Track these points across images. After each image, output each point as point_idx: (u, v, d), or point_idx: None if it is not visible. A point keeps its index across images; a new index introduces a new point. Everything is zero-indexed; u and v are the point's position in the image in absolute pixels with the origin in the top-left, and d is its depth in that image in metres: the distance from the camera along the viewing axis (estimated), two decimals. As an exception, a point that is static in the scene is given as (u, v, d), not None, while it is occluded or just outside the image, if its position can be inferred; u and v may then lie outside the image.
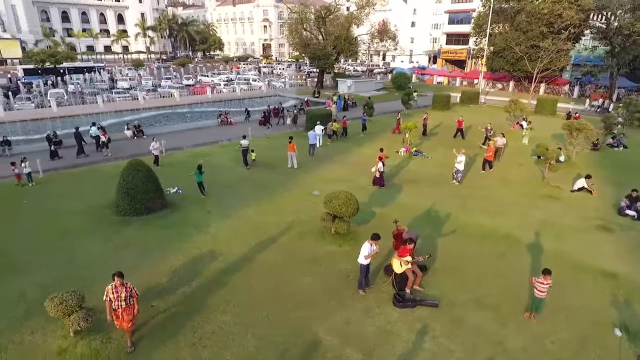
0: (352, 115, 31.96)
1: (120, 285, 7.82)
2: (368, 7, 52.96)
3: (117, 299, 7.80)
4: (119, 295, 7.81)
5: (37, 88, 43.26)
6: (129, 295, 7.93)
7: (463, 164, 17.92)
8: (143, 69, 67.80)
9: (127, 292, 7.91)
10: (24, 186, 17.52)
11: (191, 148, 24.08)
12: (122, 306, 7.88)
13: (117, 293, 7.80)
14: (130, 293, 7.96)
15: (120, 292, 7.82)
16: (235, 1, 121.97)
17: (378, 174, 17.61)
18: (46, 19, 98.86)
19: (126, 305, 7.91)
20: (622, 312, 9.63)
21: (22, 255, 11.94)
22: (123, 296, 7.84)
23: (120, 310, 7.90)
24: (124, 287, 7.87)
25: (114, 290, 7.80)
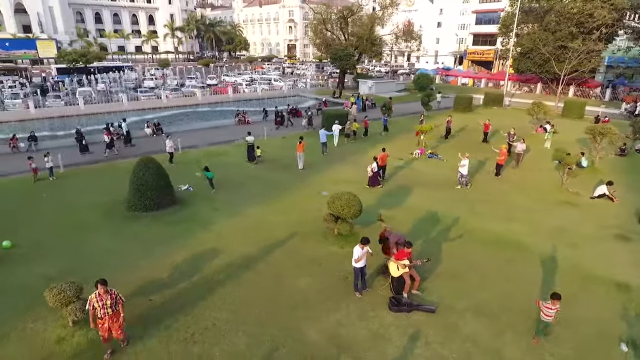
0: (371, 116, 31.74)
1: (104, 293, 7.57)
2: (391, 7, 52.53)
3: (102, 307, 7.55)
4: (104, 303, 7.56)
5: (68, 86, 44.98)
6: (114, 302, 7.68)
7: (466, 167, 17.46)
8: (169, 68, 69.47)
9: (112, 299, 7.66)
10: (38, 181, 18.14)
11: (206, 146, 24.48)
12: (109, 313, 7.64)
13: (101, 301, 7.55)
14: (115, 300, 7.72)
15: (105, 299, 7.57)
16: (261, 2, 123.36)
17: (371, 173, 17.41)
18: (81, 20, 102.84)
19: (112, 313, 7.68)
20: (631, 326, 9.15)
21: (34, 246, 12.44)
22: (108, 303, 7.60)
23: (107, 317, 7.64)
24: (109, 294, 7.64)
25: (98, 298, 7.54)
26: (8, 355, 8.05)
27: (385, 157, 18.27)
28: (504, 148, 18.95)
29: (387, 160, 18.41)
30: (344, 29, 52.27)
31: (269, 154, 22.99)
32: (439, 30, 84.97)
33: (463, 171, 17.46)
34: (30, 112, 32.72)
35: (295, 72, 74.37)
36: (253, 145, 21.07)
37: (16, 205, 15.65)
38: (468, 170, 17.70)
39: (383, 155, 18.19)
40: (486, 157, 21.59)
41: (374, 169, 17.36)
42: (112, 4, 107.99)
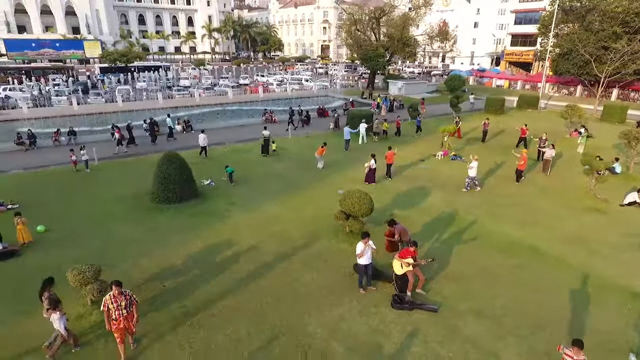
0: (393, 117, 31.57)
1: (119, 294, 7.64)
2: (425, 7, 51.88)
3: (117, 308, 7.62)
4: (118, 305, 7.63)
5: (108, 84, 47.43)
6: (128, 303, 7.77)
7: (474, 170, 17.14)
8: (204, 68, 71.67)
9: (127, 300, 7.75)
10: (78, 171, 19.47)
11: (233, 144, 25.22)
12: (124, 314, 7.71)
13: (116, 302, 7.62)
14: (130, 300, 7.81)
15: (119, 301, 7.64)
16: (297, 3, 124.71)
17: (367, 170, 17.75)
18: (125, 21, 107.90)
19: (127, 314, 7.76)
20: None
21: (67, 232, 13.38)
22: (123, 304, 7.67)
23: (122, 318, 7.72)
24: (123, 296, 7.72)
25: (112, 300, 7.62)
26: (33, 330, 8.77)
27: (391, 155, 18.57)
28: (524, 153, 18.39)
29: (393, 158, 18.71)
30: (375, 29, 52.13)
31: (292, 152, 23.48)
32: (476, 30, 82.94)
33: (471, 173, 17.19)
34: (73, 108, 34.82)
35: (328, 73, 74.77)
36: (268, 139, 22.25)
37: (53, 194, 16.82)
38: (476, 172, 17.36)
39: (389, 154, 18.56)
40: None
41: (371, 166, 17.65)
42: (154, 6, 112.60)
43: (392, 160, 18.68)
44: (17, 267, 11.30)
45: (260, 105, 39.59)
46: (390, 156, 18.61)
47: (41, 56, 78.28)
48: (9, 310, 9.43)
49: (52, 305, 8.04)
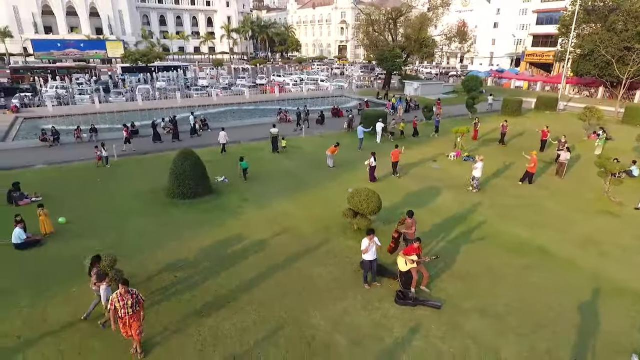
0: (410, 117, 31.57)
1: (125, 293, 7.68)
2: (442, 7, 51.56)
3: (123, 306, 7.67)
4: (125, 303, 7.67)
5: (129, 84, 48.68)
6: (135, 302, 7.78)
7: (479, 170, 17.08)
8: (222, 68, 72.73)
9: (133, 298, 7.78)
10: (99, 167, 20.22)
11: (247, 142, 25.69)
12: (129, 313, 7.73)
13: (123, 301, 7.67)
14: (136, 299, 7.83)
15: (126, 299, 7.69)
16: (314, 4, 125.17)
17: (368, 168, 18.21)
18: (146, 22, 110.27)
19: (133, 313, 7.77)
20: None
21: (86, 224, 13.97)
22: (129, 303, 7.70)
23: (127, 317, 7.75)
24: (130, 294, 7.75)
25: (119, 298, 7.67)
26: (52, 315, 9.29)
27: (397, 153, 19.05)
28: (534, 155, 18.21)
29: (399, 157, 19.16)
30: (392, 29, 52.05)
31: (305, 151, 23.79)
32: (495, 30, 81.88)
33: (476, 173, 17.17)
34: (95, 106, 35.95)
35: (344, 73, 74.92)
36: (277, 136, 23.08)
37: (74, 187, 17.51)
38: (481, 173, 17.31)
39: (395, 152, 19.06)
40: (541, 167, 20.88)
41: (370, 164, 18.11)
42: (175, 7, 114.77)
43: (397, 158, 19.10)
44: (39, 256, 11.89)
45: (277, 104, 40.04)
46: (396, 154, 19.04)
47: (66, 56, 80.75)
48: (33, 295, 9.98)
49: (99, 278, 8.97)
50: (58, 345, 8.28)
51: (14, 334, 8.62)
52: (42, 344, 8.35)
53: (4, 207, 15.09)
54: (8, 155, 22.37)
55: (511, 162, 21.34)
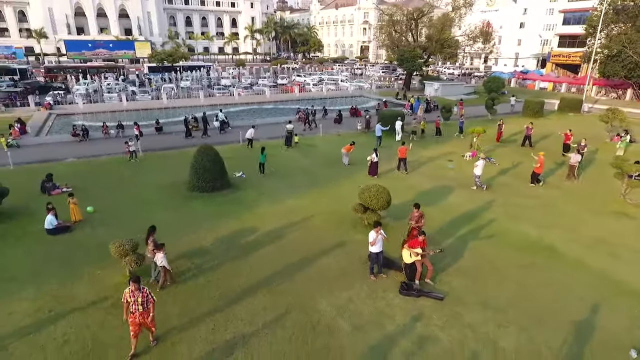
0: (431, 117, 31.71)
1: (136, 290, 7.78)
2: (465, 7, 51.22)
3: (134, 302, 7.82)
4: (135, 300, 7.81)
5: (155, 83, 50.35)
6: (145, 300, 7.89)
7: (480, 168, 17.38)
8: (244, 68, 74.08)
9: (144, 297, 7.88)
10: (129, 161, 21.37)
11: (265, 140, 26.36)
12: (140, 310, 7.85)
13: (133, 297, 7.81)
14: (147, 298, 7.92)
15: (136, 296, 7.81)
16: (337, 4, 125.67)
17: (369, 163, 18.96)
18: (173, 23, 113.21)
19: (143, 310, 7.88)
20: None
21: (112, 213, 14.88)
22: (140, 300, 7.82)
23: (138, 314, 7.88)
24: (140, 292, 7.84)
25: (130, 294, 7.82)
26: (79, 294, 10.09)
27: (404, 150, 19.70)
28: (542, 156, 18.16)
29: (406, 153, 19.76)
30: (413, 30, 52.00)
31: (321, 149, 24.32)
32: (521, 31, 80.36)
33: (477, 172, 17.41)
34: (122, 104, 37.48)
35: (365, 74, 75.12)
36: (292, 132, 24.29)
37: (102, 180, 18.55)
38: (481, 171, 17.54)
39: (402, 149, 19.72)
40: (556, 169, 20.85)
41: (372, 159, 18.88)
42: (200, 9, 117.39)
43: (404, 154, 19.70)
44: (69, 241, 12.81)
45: (297, 104, 40.72)
46: (403, 151, 19.67)
47: (96, 56, 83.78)
48: (62, 275, 10.83)
49: (157, 247, 10.15)
50: (85, 319, 9.04)
51: (45, 309, 9.45)
52: (70, 317, 9.14)
53: (38, 196, 16.18)
54: (42, 149, 23.78)
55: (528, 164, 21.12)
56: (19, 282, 10.53)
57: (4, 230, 13.54)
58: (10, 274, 10.93)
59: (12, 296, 9.90)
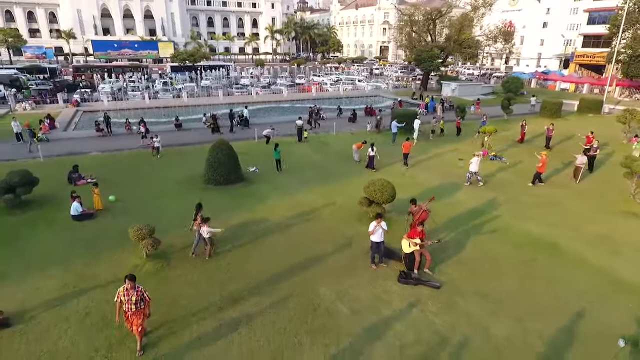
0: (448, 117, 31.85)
1: (131, 288, 7.66)
2: (484, 7, 50.86)
3: (127, 302, 7.67)
4: (129, 299, 7.66)
5: (176, 82, 51.85)
6: (139, 299, 7.74)
7: (474, 164, 17.91)
8: (264, 68, 75.25)
9: (138, 295, 7.73)
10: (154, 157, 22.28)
11: (280, 137, 27.07)
12: (132, 309, 7.69)
13: (127, 296, 7.66)
14: (141, 297, 7.79)
15: (131, 295, 7.65)
16: (357, 4, 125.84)
17: (367, 157, 20.15)
18: (195, 24, 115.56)
19: (136, 310, 7.73)
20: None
21: (132, 203, 15.82)
22: (134, 299, 7.66)
23: (130, 313, 7.74)
24: (135, 291, 7.71)
25: (125, 293, 7.69)
26: (99, 274, 10.94)
27: (408, 145, 20.67)
28: (544, 155, 18.23)
29: (409, 149, 20.71)
30: (431, 30, 51.94)
31: (334, 147, 24.87)
32: (544, 31, 78.99)
33: (471, 168, 17.93)
34: (145, 102, 38.89)
35: (384, 74, 75.20)
36: (301, 127, 25.83)
37: (124, 172, 19.60)
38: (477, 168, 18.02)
39: (406, 144, 20.73)
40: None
41: (369, 154, 20.10)
42: (222, 9, 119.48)
43: (407, 150, 20.64)
44: (92, 227, 13.77)
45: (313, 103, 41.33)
46: (407, 146, 20.63)
47: (122, 56, 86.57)
48: (87, 257, 11.74)
49: (204, 221, 11.44)
50: (105, 295, 9.85)
51: (70, 285, 10.34)
52: (92, 293, 9.99)
53: (65, 186, 17.26)
54: (69, 143, 25.12)
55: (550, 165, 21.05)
56: (47, 262, 11.47)
57: (34, 216, 14.62)
58: (40, 254, 11.91)
59: (41, 274, 10.84)
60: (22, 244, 12.54)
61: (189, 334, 8.69)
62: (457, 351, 8.35)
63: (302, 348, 8.34)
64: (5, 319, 8.84)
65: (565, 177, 19.60)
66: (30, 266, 11.25)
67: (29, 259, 11.69)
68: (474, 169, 17.97)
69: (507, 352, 8.37)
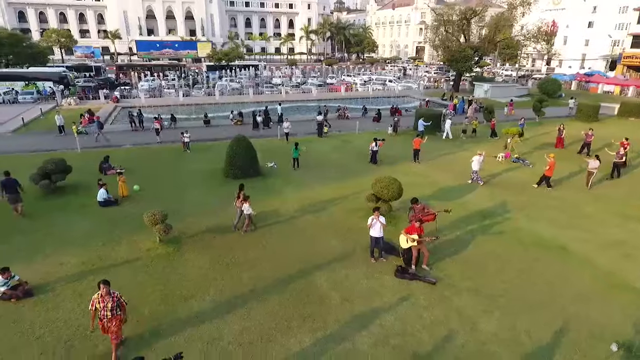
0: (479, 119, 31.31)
1: (106, 295, 7.44)
2: (522, 6, 49.33)
3: (103, 308, 7.44)
4: (105, 305, 7.43)
5: (212, 80, 53.74)
6: (115, 305, 7.52)
7: (475, 163, 18.01)
8: (296, 67, 76.34)
9: (114, 302, 7.51)
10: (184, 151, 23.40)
11: (303, 135, 27.68)
12: (108, 316, 7.47)
13: (103, 302, 7.43)
14: (117, 303, 7.58)
15: (106, 301, 7.43)
16: (394, 4, 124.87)
17: (370, 152, 21.00)
18: (234, 24, 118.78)
19: (112, 316, 7.51)
20: (637, 332, 8.84)
21: (155, 192, 16.84)
22: (109, 306, 7.44)
23: (106, 320, 7.51)
24: (111, 297, 7.50)
25: (100, 299, 7.45)
26: (118, 254, 11.87)
27: (418, 142, 21.27)
28: (552, 158, 17.66)
29: (419, 145, 21.20)
30: (465, 30, 50.93)
31: (354, 145, 25.15)
32: (589, 31, 75.48)
33: (473, 166, 18.01)
34: (179, 99, 40.67)
35: (417, 74, 74.35)
36: (322, 122, 27.23)
37: (151, 164, 20.83)
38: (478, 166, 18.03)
39: (416, 140, 21.38)
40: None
41: (372, 148, 20.85)
42: (260, 10, 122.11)
43: (418, 146, 21.17)
44: (115, 212, 14.84)
45: (342, 102, 41.70)
46: (417, 142, 21.19)
47: (163, 55, 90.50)
48: (107, 239, 12.73)
49: (245, 199, 13.06)
50: (118, 274, 10.72)
51: (89, 263, 11.30)
52: (107, 271, 10.84)
53: (96, 175, 18.54)
54: (109, 136, 26.79)
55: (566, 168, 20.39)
56: (72, 242, 12.54)
57: (67, 201, 15.93)
58: (67, 235, 13.03)
59: (66, 252, 11.89)
60: (54, 225, 13.76)
61: (188, 311, 9.35)
62: (441, 344, 8.50)
63: (290, 331, 8.78)
64: (29, 289, 9.84)
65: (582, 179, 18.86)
66: (58, 244, 12.35)
67: (59, 238, 12.82)
68: (475, 167, 17.99)
69: (492, 347, 8.43)
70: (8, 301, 9.54)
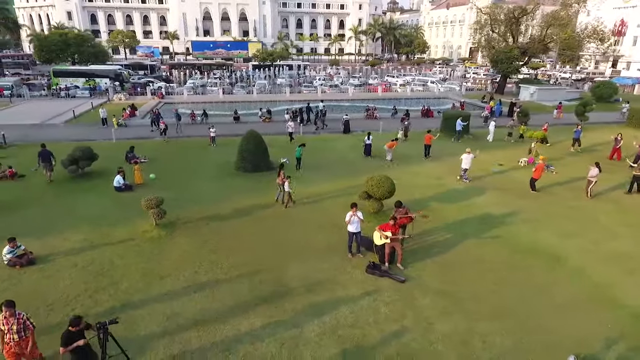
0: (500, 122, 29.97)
1: (10, 316, 6.91)
2: (578, 4, 46.16)
3: (8, 331, 6.93)
4: (9, 328, 6.93)
5: (256, 78, 55.59)
6: (21, 327, 7.01)
7: (466, 162, 17.93)
8: (342, 68, 76.69)
9: (20, 324, 6.99)
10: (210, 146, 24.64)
11: (327, 133, 28.06)
12: (15, 339, 6.98)
13: (7, 325, 6.93)
14: (23, 325, 7.03)
15: (11, 323, 6.93)
16: (449, 4, 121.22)
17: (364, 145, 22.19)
18: (285, 25, 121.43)
19: (19, 339, 7.02)
20: (608, 346, 8.31)
21: (169, 181, 18.05)
22: (15, 328, 6.94)
23: (13, 344, 7.01)
24: (16, 318, 6.97)
25: (4, 321, 6.94)
26: (118, 233, 13.00)
27: (429, 138, 21.97)
28: (542, 161, 16.97)
29: (430, 141, 21.93)
30: (513, 30, 48.49)
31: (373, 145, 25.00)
32: (664, 30, 68.74)
33: (463, 165, 17.82)
34: (219, 96, 42.58)
35: (466, 76, 71.89)
36: (348, 121, 28.31)
37: (173, 156, 22.25)
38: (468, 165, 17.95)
39: (428, 136, 22.02)
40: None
41: (365, 142, 22.19)
42: (311, 11, 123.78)
43: (429, 142, 21.92)
44: (128, 197, 16.12)
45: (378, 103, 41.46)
46: (428, 138, 21.95)
47: (216, 55, 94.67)
48: (113, 220, 13.97)
49: (285, 177, 14.81)
50: (111, 251, 11.80)
51: (89, 240, 12.50)
52: (102, 248, 12.01)
53: (122, 163, 20.00)
54: (141, 129, 29.06)
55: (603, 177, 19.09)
56: (82, 221, 13.90)
57: (91, 185, 17.56)
58: (80, 215, 14.46)
59: (74, 229, 13.21)
60: (72, 205, 15.33)
61: (161, 288, 10.13)
62: (388, 338, 8.53)
63: (245, 314, 9.23)
64: (32, 258, 11.12)
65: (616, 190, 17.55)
66: (70, 222, 13.75)
67: (72, 216, 14.27)
68: (465, 166, 17.78)
69: (439, 346, 8.34)
70: (13, 267, 10.85)
